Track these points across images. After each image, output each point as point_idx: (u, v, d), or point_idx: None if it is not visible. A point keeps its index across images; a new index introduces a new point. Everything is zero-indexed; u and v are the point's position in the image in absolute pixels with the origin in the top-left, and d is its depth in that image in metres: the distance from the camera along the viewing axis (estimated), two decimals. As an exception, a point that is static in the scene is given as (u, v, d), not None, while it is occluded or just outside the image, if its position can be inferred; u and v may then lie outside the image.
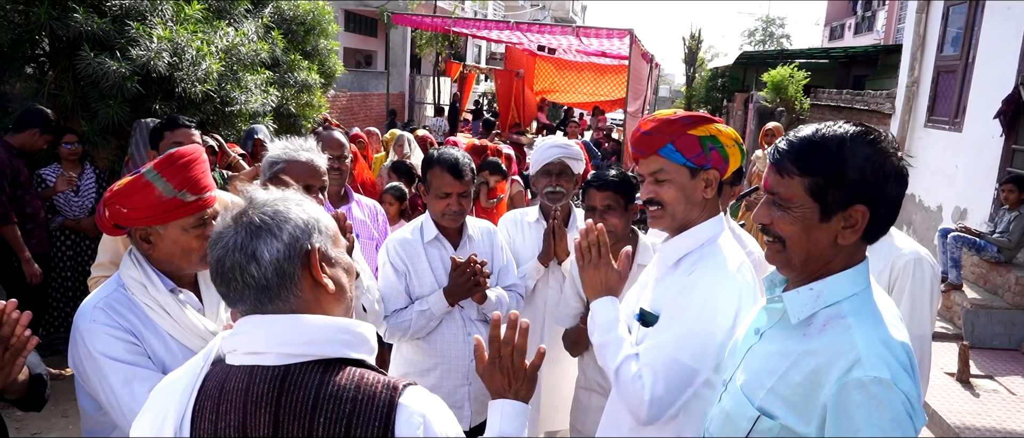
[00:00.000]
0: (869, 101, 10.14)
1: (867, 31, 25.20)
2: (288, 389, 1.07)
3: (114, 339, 1.60)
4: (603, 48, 15.34)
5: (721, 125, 1.78)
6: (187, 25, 5.24)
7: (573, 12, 43.47)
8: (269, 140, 5.78)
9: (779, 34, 42.89)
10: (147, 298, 1.66)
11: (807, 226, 1.31)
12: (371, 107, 17.03)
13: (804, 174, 1.28)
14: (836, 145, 1.27)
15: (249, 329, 1.12)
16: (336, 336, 1.12)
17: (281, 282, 1.11)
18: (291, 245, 1.12)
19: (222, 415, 1.09)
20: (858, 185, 1.25)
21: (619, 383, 1.69)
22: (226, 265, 1.11)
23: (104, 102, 4.78)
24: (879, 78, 18.42)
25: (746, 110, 18.32)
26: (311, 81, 7.05)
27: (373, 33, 21.37)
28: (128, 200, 1.63)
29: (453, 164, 2.43)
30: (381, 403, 1.07)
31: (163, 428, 1.12)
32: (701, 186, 1.77)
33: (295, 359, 1.10)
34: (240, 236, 1.11)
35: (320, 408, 1.06)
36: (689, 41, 27.85)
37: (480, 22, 15.84)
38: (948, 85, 7.85)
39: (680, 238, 1.80)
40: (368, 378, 1.10)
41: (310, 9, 7.45)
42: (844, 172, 1.25)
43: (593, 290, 1.81)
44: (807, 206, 1.30)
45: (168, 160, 1.66)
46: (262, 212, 1.13)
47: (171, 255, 1.69)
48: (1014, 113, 6.30)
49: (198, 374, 1.15)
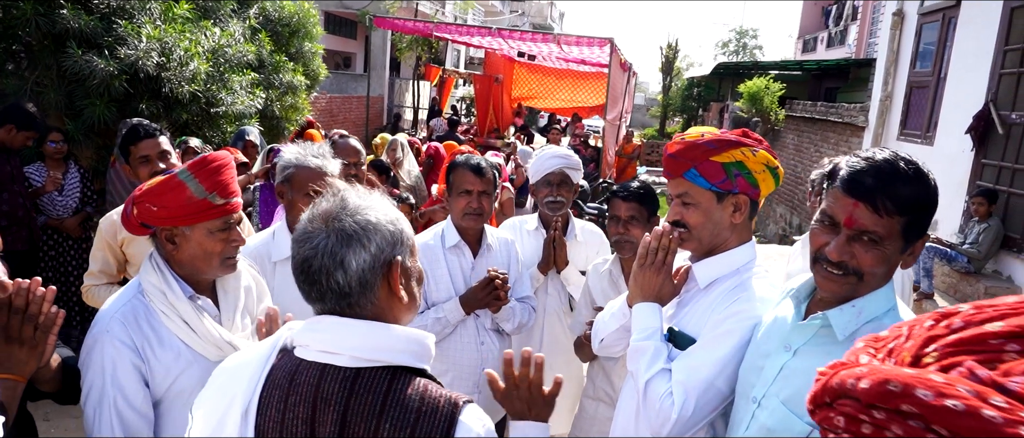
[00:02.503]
0: (843, 114, 10.37)
1: (839, 45, 25.74)
2: (357, 391, 1.12)
3: (118, 356, 1.60)
4: (583, 56, 15.46)
5: (750, 149, 1.69)
6: (175, 24, 5.20)
7: (551, 18, 43.70)
8: (260, 142, 5.75)
9: (752, 45, 43.52)
10: (165, 305, 1.66)
11: (893, 261, 1.33)
12: (351, 109, 16.96)
13: (903, 214, 1.28)
14: (925, 183, 1.28)
15: (326, 328, 1.16)
16: (407, 346, 1.17)
17: (362, 290, 1.16)
18: (376, 256, 1.16)
19: (290, 406, 1.13)
20: (927, 218, 1.31)
21: (647, 395, 1.65)
22: (313, 267, 1.15)
23: (90, 101, 4.72)
24: (850, 91, 18.84)
25: (721, 120, 18.62)
26: (297, 83, 7.03)
27: (352, 35, 21.29)
28: (159, 199, 1.65)
29: (475, 164, 2.58)
30: (443, 416, 1.11)
31: (230, 411, 1.15)
32: (729, 210, 1.72)
33: (366, 363, 1.14)
34: (331, 241, 1.14)
35: (386, 414, 1.10)
36: (666, 50, 28.17)
37: (462, 28, 15.85)
38: (920, 100, 8.07)
39: (712, 261, 1.76)
40: (432, 390, 1.15)
41: (295, 11, 7.43)
42: (923, 209, 1.29)
43: (643, 292, 1.75)
44: (897, 243, 1.31)
45: (202, 162, 1.69)
46: (355, 220, 1.16)
47: (194, 257, 1.69)
48: (984, 128, 6.51)
49: (266, 362, 1.18)
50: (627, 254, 2.54)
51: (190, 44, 5.16)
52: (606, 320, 1.96)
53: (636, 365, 1.69)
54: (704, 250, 1.78)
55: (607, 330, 1.93)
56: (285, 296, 2.05)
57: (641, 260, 1.76)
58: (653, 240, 1.75)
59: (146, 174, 2.77)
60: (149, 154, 2.77)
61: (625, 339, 1.84)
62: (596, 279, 2.66)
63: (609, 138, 13.31)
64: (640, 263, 1.76)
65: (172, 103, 5.23)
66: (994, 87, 6.33)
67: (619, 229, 2.52)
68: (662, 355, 1.67)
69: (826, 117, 11.19)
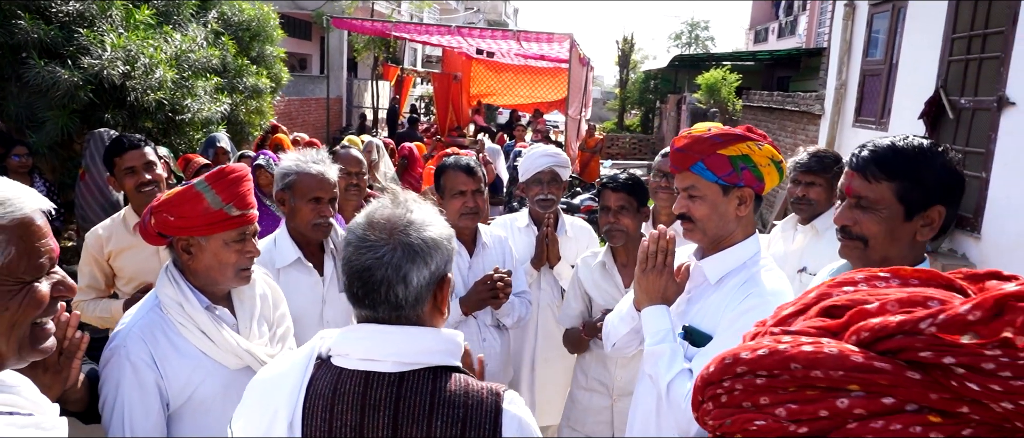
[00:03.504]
0: (800, 103, 10.65)
1: (790, 35, 26.40)
2: (405, 395, 1.15)
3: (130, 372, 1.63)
4: (543, 52, 15.55)
5: (756, 143, 1.75)
6: (138, 31, 5.10)
7: (506, 15, 43.71)
8: (231, 149, 5.66)
9: (704, 37, 44.27)
10: (182, 316, 1.68)
11: (892, 226, 1.48)
12: (310, 112, 16.73)
13: (891, 179, 1.46)
14: (917, 154, 1.45)
15: (366, 337, 1.19)
16: (444, 346, 1.21)
17: (415, 304, 1.19)
18: (434, 273, 1.20)
19: (337, 415, 1.15)
20: (937, 187, 1.45)
21: (670, 396, 1.68)
22: (375, 277, 1.17)
23: (53, 112, 4.60)
24: (802, 79, 19.35)
25: (678, 111, 18.93)
26: (262, 86, 6.94)
27: (307, 36, 20.97)
28: (177, 209, 1.67)
29: (466, 164, 2.67)
30: (489, 407, 1.16)
31: (274, 424, 1.17)
32: (734, 203, 1.77)
33: (409, 367, 1.17)
34: (396, 256, 1.17)
35: (436, 413, 1.14)
36: (622, 44, 28.45)
37: (421, 27, 15.78)
38: (874, 87, 8.35)
39: (721, 256, 1.80)
40: (473, 384, 1.19)
41: (254, 14, 7.33)
42: (925, 176, 1.45)
43: (648, 295, 1.81)
44: (893, 208, 1.47)
45: (219, 174, 1.72)
46: (421, 237, 1.19)
47: (209, 268, 1.71)
48: (935, 113, 6.77)
49: (304, 373, 1.20)
50: (619, 243, 2.63)
51: (155, 51, 5.06)
52: (615, 324, 2.01)
53: (655, 369, 1.73)
54: (709, 242, 1.82)
55: (618, 334, 1.99)
56: (289, 302, 2.06)
57: (642, 265, 1.83)
58: (651, 244, 1.82)
59: (131, 186, 2.73)
60: (135, 165, 2.72)
61: (636, 340, 1.90)
62: (587, 272, 2.71)
63: (571, 133, 13.44)
64: (642, 268, 1.83)
65: (137, 112, 5.13)
66: (944, 74, 6.59)
67: (610, 219, 2.61)
68: (679, 356, 1.71)
69: (783, 106, 11.46)
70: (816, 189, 2.77)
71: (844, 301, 0.73)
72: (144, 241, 2.77)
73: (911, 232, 1.48)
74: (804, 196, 2.78)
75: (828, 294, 0.76)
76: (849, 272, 0.78)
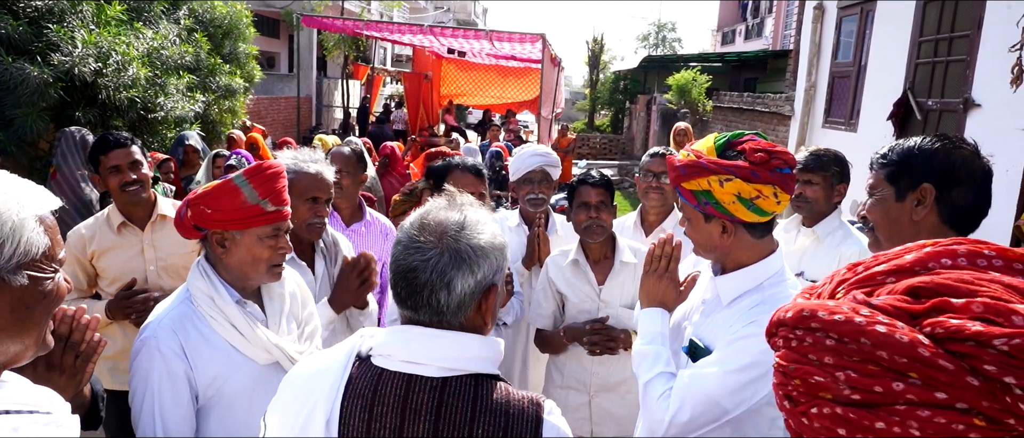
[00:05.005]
0: (769, 104, 10.82)
1: (757, 37, 26.83)
2: (447, 401, 1.14)
3: (159, 363, 1.65)
4: (514, 52, 15.56)
5: (721, 178, 1.57)
6: (109, 28, 4.97)
7: (475, 14, 43.65)
8: (200, 147, 5.56)
9: (671, 38, 44.71)
10: (213, 310, 1.69)
11: (886, 207, 1.64)
12: (279, 110, 16.50)
13: (883, 167, 1.66)
14: (909, 144, 1.63)
15: (412, 339, 1.17)
16: (488, 354, 1.21)
17: (457, 311, 1.17)
18: (480, 282, 1.18)
19: (376, 416, 1.14)
20: (922, 167, 1.57)
21: (645, 396, 1.70)
22: (420, 280, 1.15)
23: (21, 110, 4.46)
24: (769, 80, 19.69)
25: (648, 112, 19.09)
26: (235, 85, 6.82)
27: (276, 34, 20.70)
28: (214, 202, 1.68)
29: (473, 167, 2.77)
30: (529, 417, 1.16)
31: (311, 421, 1.15)
32: (718, 230, 1.66)
33: (452, 373, 1.16)
34: (443, 261, 1.15)
35: (478, 421, 1.13)
36: (592, 45, 28.61)
37: (392, 25, 15.68)
38: (842, 89, 8.52)
39: (734, 277, 1.70)
40: (514, 393, 1.18)
41: (226, 12, 7.20)
42: (910, 159, 1.60)
43: (649, 298, 1.81)
44: (884, 189, 1.65)
45: (257, 169, 1.73)
46: (470, 244, 1.17)
47: (242, 262, 1.73)
48: (904, 115, 6.94)
49: (344, 370, 1.18)
50: (600, 238, 2.63)
51: (127, 48, 4.94)
52: None
53: (638, 368, 1.75)
54: (713, 260, 1.77)
55: None
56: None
57: (647, 268, 1.84)
58: (657, 248, 1.84)
59: (116, 184, 2.68)
60: (120, 164, 2.66)
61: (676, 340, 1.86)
62: (558, 271, 2.72)
63: (543, 133, 13.48)
64: (646, 270, 1.85)
65: (109, 110, 5.00)
66: (911, 76, 6.76)
67: (591, 214, 2.60)
68: (661, 359, 1.71)
69: (753, 107, 11.64)
70: (813, 188, 2.77)
71: (933, 284, 0.76)
72: (127, 241, 2.72)
73: (907, 213, 1.60)
74: (801, 194, 2.78)
75: (924, 262, 0.80)
76: (952, 240, 0.81)
